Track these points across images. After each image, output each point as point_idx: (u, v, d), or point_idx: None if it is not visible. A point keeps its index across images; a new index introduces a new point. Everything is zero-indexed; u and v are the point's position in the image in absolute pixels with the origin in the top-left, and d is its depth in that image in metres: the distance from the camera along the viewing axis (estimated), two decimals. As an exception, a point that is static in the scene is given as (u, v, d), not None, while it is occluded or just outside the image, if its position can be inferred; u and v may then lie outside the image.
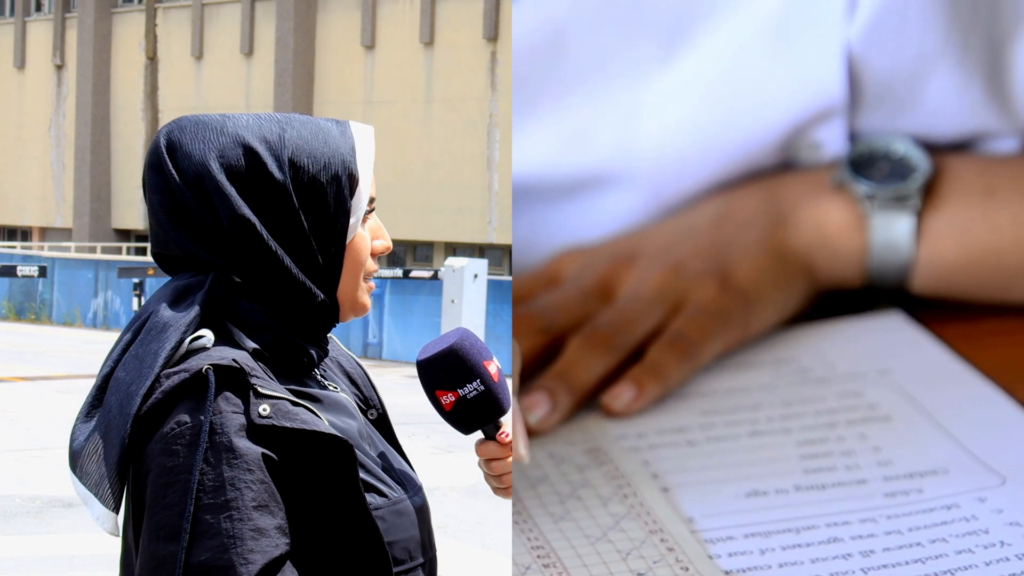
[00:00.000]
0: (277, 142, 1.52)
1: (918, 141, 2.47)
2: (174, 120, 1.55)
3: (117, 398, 1.45)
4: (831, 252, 2.43)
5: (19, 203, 33.33)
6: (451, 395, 1.61)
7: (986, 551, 1.91)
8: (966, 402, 2.22)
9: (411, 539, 1.55)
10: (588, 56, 2.47)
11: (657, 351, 2.32)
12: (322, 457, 1.45)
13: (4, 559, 6.13)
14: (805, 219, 2.43)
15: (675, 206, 2.54)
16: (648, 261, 2.44)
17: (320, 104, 26.99)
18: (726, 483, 2.08)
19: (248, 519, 1.39)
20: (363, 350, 17.31)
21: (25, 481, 7.84)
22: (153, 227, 1.54)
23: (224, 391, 1.43)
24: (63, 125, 32.18)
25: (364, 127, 1.59)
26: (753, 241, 2.42)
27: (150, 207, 1.54)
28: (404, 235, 25.46)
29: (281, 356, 1.53)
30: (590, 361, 2.31)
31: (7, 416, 10.51)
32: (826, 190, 2.45)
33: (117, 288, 20.85)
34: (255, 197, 1.50)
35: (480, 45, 24.89)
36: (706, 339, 2.34)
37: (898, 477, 2.07)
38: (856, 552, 1.93)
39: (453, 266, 14.63)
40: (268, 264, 1.51)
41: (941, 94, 2.47)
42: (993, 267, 2.41)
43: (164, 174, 1.51)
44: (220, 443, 1.41)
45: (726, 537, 1.98)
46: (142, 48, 29.95)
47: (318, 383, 1.58)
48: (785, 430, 2.20)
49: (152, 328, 1.48)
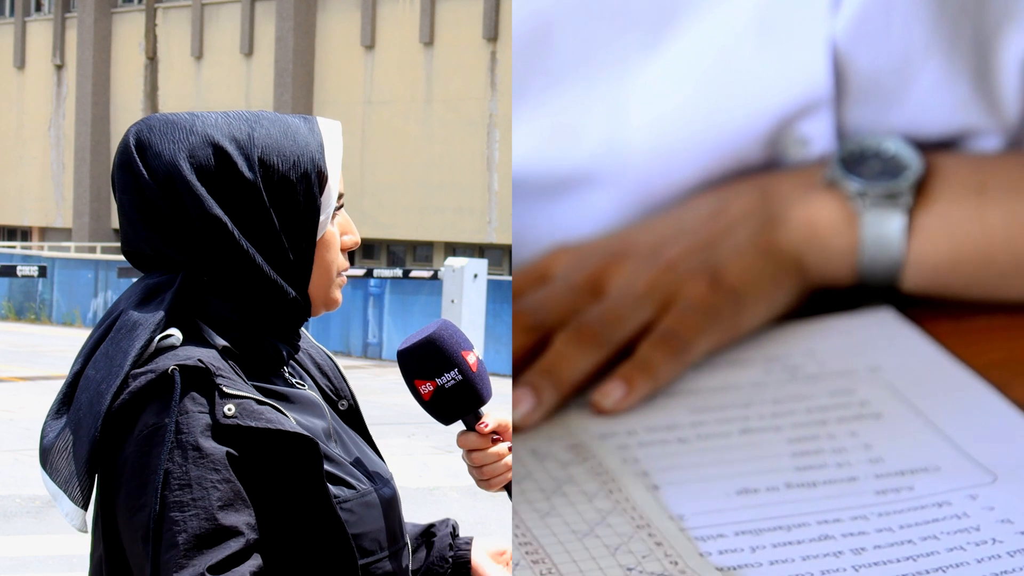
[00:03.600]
0: (247, 141, 1.53)
1: (909, 140, 2.46)
2: (143, 119, 1.56)
3: (87, 396, 1.46)
4: (822, 250, 2.42)
5: (19, 203, 33.32)
6: (429, 384, 1.63)
7: (977, 548, 1.91)
8: (957, 399, 2.22)
9: (380, 530, 1.57)
10: (574, 48, 2.46)
11: (647, 348, 2.31)
12: (287, 455, 1.47)
13: (4, 559, 6.13)
14: (796, 217, 2.42)
15: (663, 201, 2.53)
16: (638, 259, 2.42)
17: (320, 104, 26.99)
18: (717, 480, 2.09)
19: (214, 518, 1.41)
20: (363, 350, 17.31)
21: (25, 481, 7.83)
22: (123, 226, 1.55)
23: (190, 391, 1.45)
24: (63, 125, 32.17)
25: (332, 123, 1.60)
26: (744, 239, 2.41)
27: (120, 206, 1.55)
28: (404, 235, 25.46)
29: (250, 353, 1.55)
30: (576, 356, 2.30)
31: (7, 416, 10.51)
32: (817, 188, 2.44)
33: (117, 288, 20.84)
34: (226, 196, 1.51)
35: (480, 45, 24.88)
36: (696, 336, 2.32)
37: (889, 475, 2.07)
38: (847, 550, 1.93)
39: (453, 266, 14.63)
40: (239, 262, 1.52)
41: (928, 90, 2.46)
42: (984, 265, 2.40)
43: (134, 174, 1.52)
44: (186, 443, 1.43)
45: (717, 535, 1.98)
46: (142, 48, 29.96)
47: (285, 381, 1.59)
48: (776, 428, 2.20)
49: (122, 327, 1.49)
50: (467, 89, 25.03)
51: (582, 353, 2.30)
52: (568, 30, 2.44)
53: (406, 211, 25.26)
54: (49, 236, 32.45)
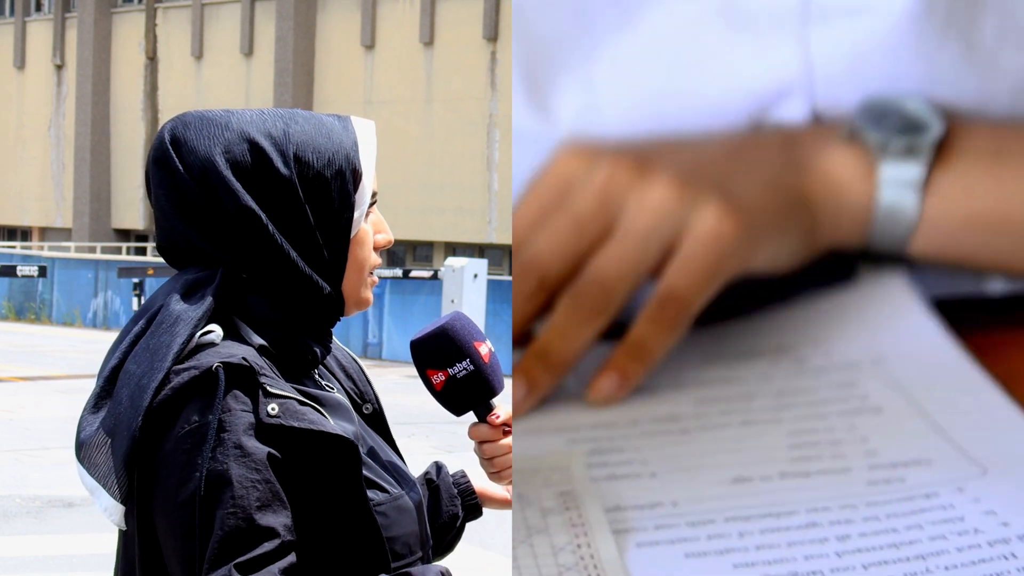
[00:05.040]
0: (282, 137, 1.53)
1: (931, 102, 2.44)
2: (178, 116, 1.56)
3: (128, 391, 1.45)
4: (836, 203, 2.38)
5: (19, 203, 33.35)
6: (441, 375, 1.64)
7: (959, 538, 1.94)
8: (958, 393, 2.24)
9: (411, 534, 1.57)
10: (546, 24, 2.45)
11: (642, 326, 2.25)
12: (327, 457, 1.47)
13: (4, 559, 6.13)
14: (815, 166, 2.38)
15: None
16: (653, 177, 2.34)
17: (320, 104, 27.00)
18: (713, 469, 2.10)
19: (251, 518, 1.41)
20: (363, 350, 17.32)
21: (25, 481, 7.84)
22: (159, 221, 1.55)
23: (233, 389, 1.44)
24: (63, 125, 32.20)
25: (366, 122, 1.60)
26: (762, 178, 2.36)
27: (155, 202, 1.54)
28: (404, 235, 25.48)
29: (286, 353, 1.54)
30: (574, 332, 2.24)
31: (7, 416, 10.51)
32: (838, 140, 2.41)
33: (117, 288, 20.86)
34: (261, 191, 1.51)
35: (480, 45, 24.90)
36: (697, 291, 2.26)
37: (882, 466, 2.10)
38: (832, 536, 1.96)
39: (453, 266, 14.65)
40: (275, 257, 1.52)
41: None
42: (999, 229, 2.37)
43: (170, 169, 1.52)
44: (229, 441, 1.42)
45: (707, 520, 2.00)
46: (142, 48, 29.97)
47: (316, 383, 1.59)
48: (777, 420, 2.22)
49: (163, 321, 1.48)
50: (467, 89, 25.05)
51: (581, 327, 2.24)
52: (541, 6, 2.43)
53: (406, 211, 25.28)
54: (49, 236, 32.48)
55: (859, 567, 1.89)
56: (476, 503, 1.83)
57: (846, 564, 1.90)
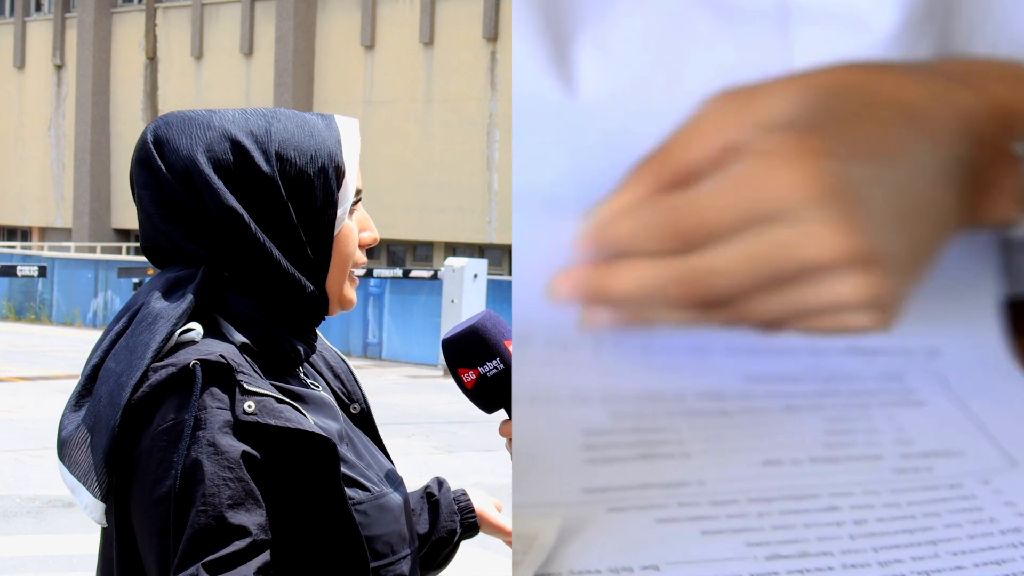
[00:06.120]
0: (264, 135, 1.53)
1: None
2: (160, 116, 1.58)
3: (107, 388, 1.46)
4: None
5: (19, 203, 33.35)
6: (472, 373, 1.65)
7: (974, 526, 1.95)
8: (1007, 397, 2.24)
9: (394, 533, 1.57)
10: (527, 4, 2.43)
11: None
12: (305, 455, 1.47)
13: (4, 559, 6.13)
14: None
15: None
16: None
17: (320, 104, 27.00)
18: (746, 452, 2.10)
19: (222, 516, 1.41)
20: (363, 350, 17.31)
21: (25, 481, 7.84)
22: (142, 222, 1.55)
23: (210, 387, 1.45)
24: (63, 125, 32.20)
25: (349, 120, 1.61)
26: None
27: (139, 202, 1.55)
28: (404, 235, 25.48)
29: (268, 351, 1.54)
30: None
31: (7, 416, 10.52)
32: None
33: (117, 288, 20.86)
34: (243, 190, 1.51)
35: (480, 45, 24.90)
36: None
37: (914, 455, 2.10)
38: (850, 520, 1.97)
39: (453, 266, 14.65)
40: (257, 256, 1.52)
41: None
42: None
43: (152, 169, 1.53)
44: (203, 439, 1.42)
45: (730, 500, 2.00)
46: (142, 48, 29.98)
47: (300, 381, 1.59)
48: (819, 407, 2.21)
49: (143, 319, 1.49)
50: (467, 89, 25.05)
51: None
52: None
53: (406, 211, 25.28)
54: (49, 236, 32.47)
55: (869, 550, 1.91)
56: (474, 522, 1.85)
57: (857, 547, 1.91)
